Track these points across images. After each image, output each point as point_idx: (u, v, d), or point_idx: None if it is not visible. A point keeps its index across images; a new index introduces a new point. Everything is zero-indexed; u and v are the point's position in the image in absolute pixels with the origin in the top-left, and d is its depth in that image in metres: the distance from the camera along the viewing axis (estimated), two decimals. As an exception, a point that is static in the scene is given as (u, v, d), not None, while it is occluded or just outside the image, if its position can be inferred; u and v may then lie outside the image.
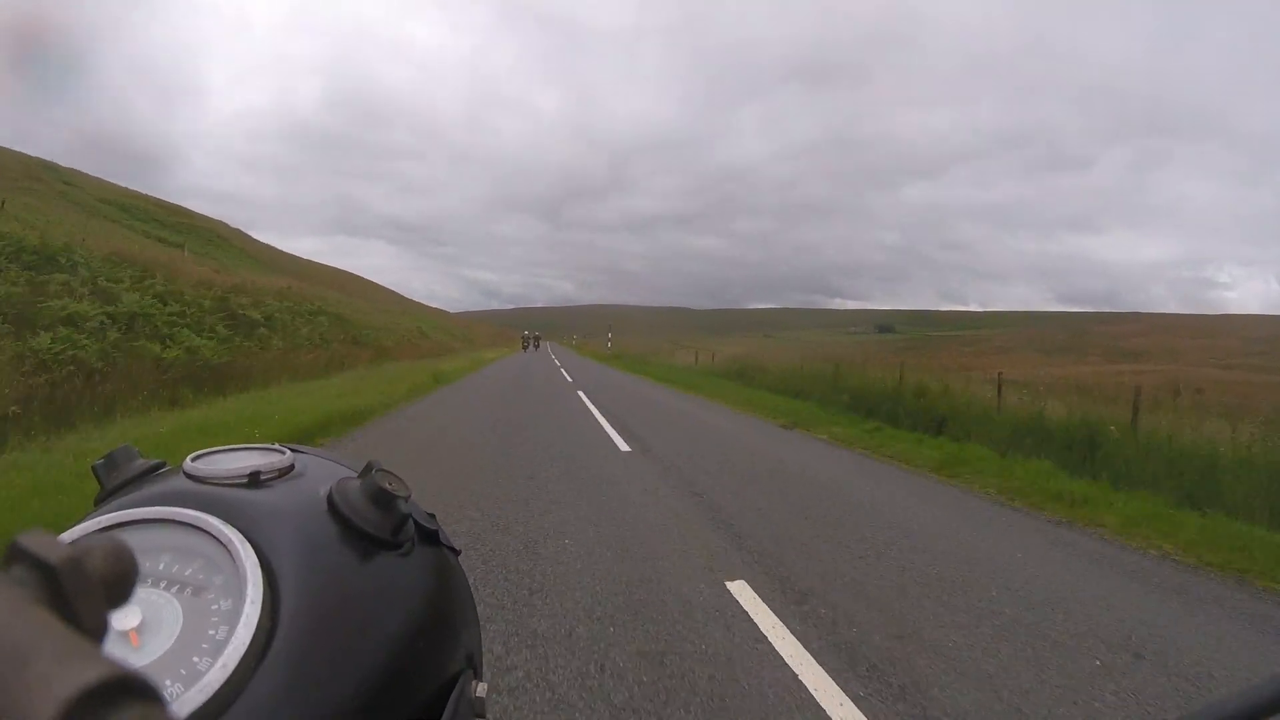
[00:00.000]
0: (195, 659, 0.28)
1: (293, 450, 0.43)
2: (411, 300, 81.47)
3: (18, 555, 0.16)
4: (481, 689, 0.40)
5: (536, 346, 46.45)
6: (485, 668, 0.52)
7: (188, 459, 0.40)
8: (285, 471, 0.40)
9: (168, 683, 0.27)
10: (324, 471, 0.42)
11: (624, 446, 6.69)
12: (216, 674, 0.27)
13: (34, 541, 0.16)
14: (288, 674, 0.29)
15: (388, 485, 0.37)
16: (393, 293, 74.15)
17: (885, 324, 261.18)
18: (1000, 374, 8.80)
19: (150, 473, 0.41)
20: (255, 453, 0.42)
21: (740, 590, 2.93)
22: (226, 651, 0.28)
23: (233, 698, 0.27)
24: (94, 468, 0.41)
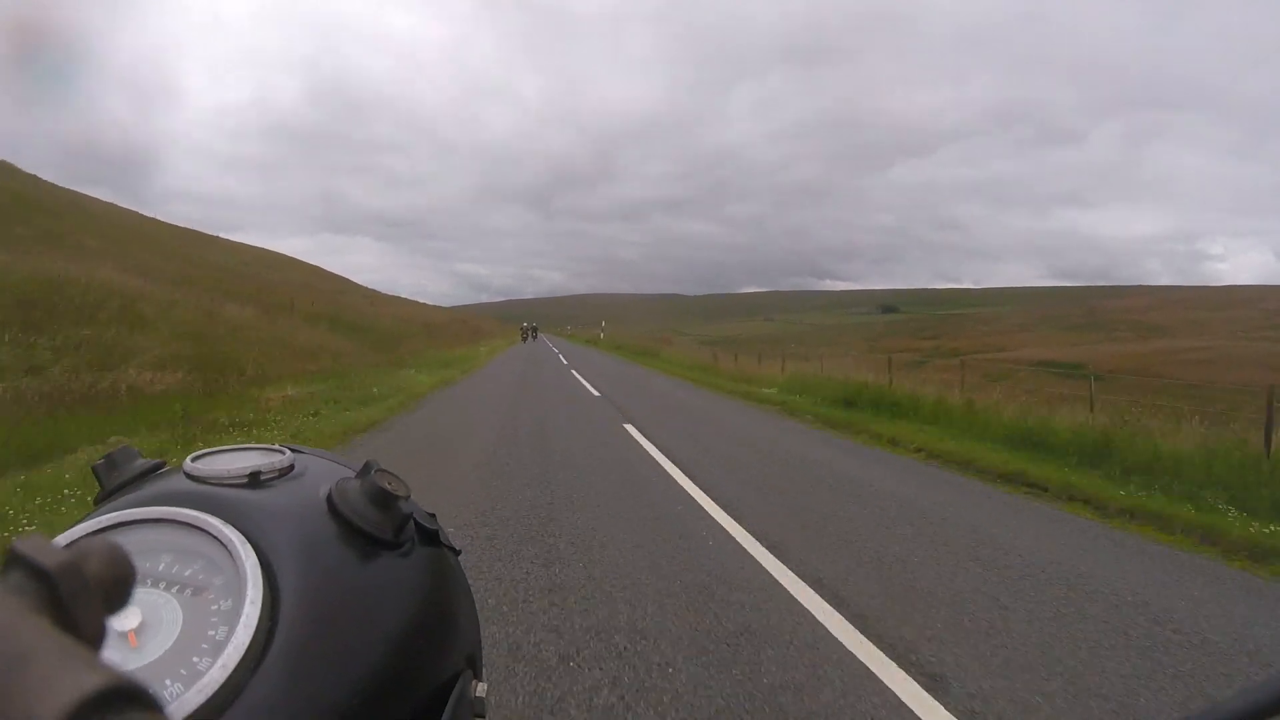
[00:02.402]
0: (195, 659, 0.28)
1: (293, 450, 0.43)
2: (346, 281, 56.74)
3: (15, 561, 0.16)
4: (481, 689, 0.40)
5: (535, 337, 47.98)
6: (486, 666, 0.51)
7: (188, 459, 0.40)
8: (285, 471, 0.40)
9: (167, 683, 0.27)
10: (324, 471, 0.41)
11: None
12: (216, 674, 0.27)
13: (31, 547, 0.16)
14: (287, 674, 0.29)
15: (387, 485, 0.37)
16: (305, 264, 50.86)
17: (889, 304, 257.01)
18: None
19: (150, 473, 0.41)
20: (255, 453, 0.41)
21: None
22: (226, 652, 0.28)
23: (232, 698, 0.27)
24: (94, 468, 0.41)
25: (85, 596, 0.16)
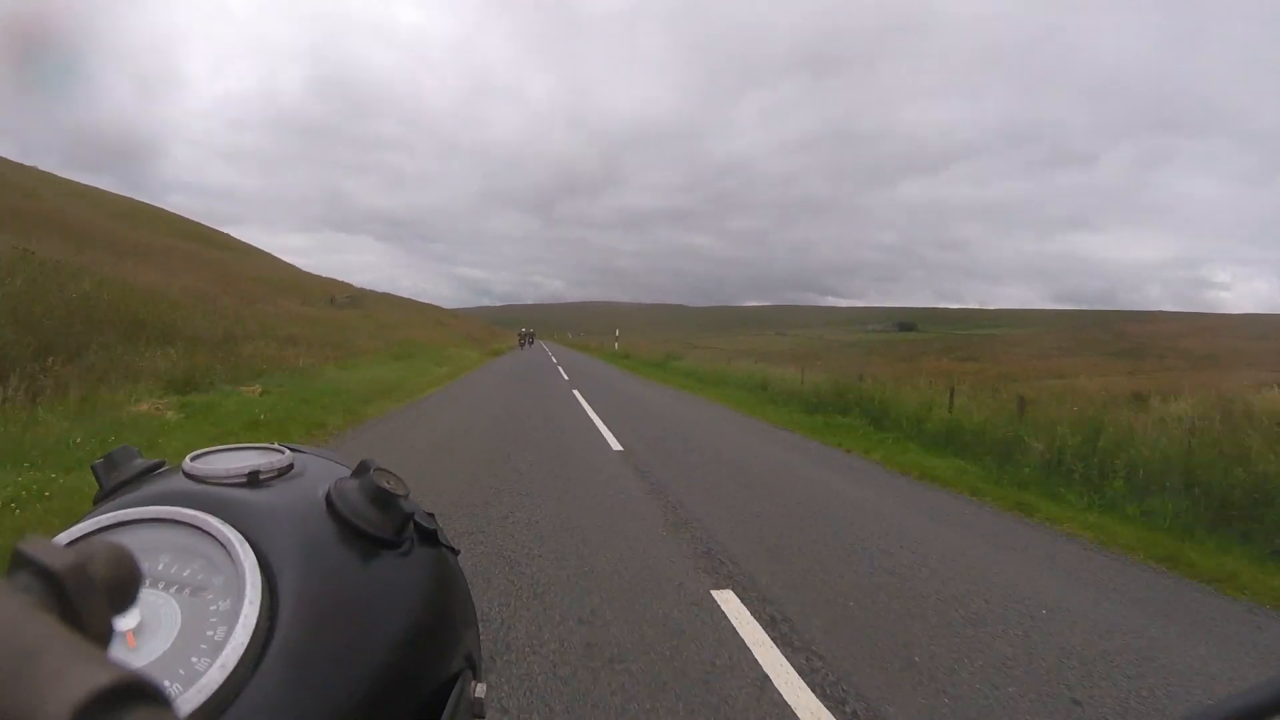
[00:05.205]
0: (194, 659, 0.28)
1: (292, 450, 0.43)
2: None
3: (21, 562, 0.16)
4: (481, 689, 0.40)
5: (531, 343, 45.48)
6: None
7: (187, 459, 0.40)
8: (284, 471, 0.40)
9: (166, 683, 0.27)
10: (323, 471, 0.41)
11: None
12: (215, 674, 0.27)
13: (37, 548, 0.16)
14: (286, 674, 0.29)
15: (386, 484, 0.37)
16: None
17: (905, 322, 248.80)
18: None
19: (149, 472, 0.41)
20: (254, 452, 0.41)
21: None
22: (225, 652, 0.28)
23: (231, 698, 0.27)
24: (93, 467, 0.41)
25: (92, 597, 0.16)
